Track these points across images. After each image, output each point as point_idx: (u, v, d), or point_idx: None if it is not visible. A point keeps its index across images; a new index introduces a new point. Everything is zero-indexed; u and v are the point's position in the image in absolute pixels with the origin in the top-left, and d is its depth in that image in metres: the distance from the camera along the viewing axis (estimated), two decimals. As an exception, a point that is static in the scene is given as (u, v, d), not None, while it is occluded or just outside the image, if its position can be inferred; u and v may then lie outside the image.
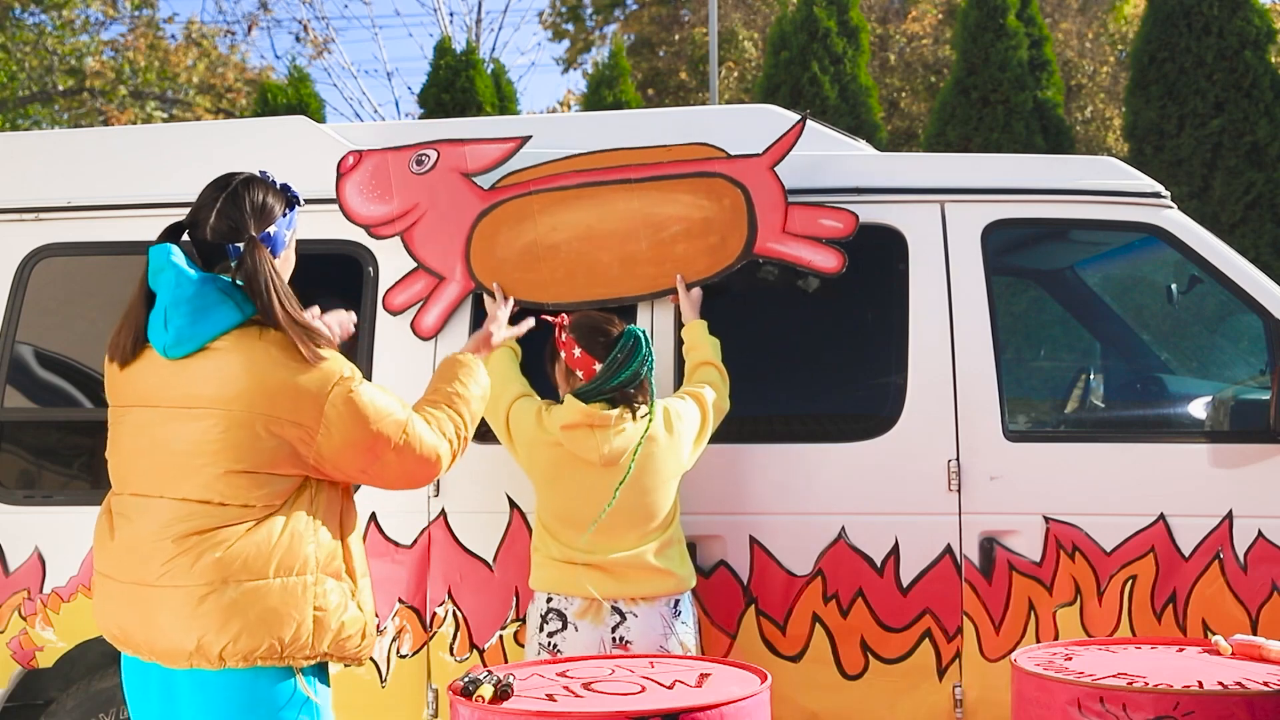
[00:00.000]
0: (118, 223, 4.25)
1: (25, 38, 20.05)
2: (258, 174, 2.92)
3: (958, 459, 3.92)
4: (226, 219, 2.78)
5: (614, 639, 3.58)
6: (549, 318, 3.75)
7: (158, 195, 4.24)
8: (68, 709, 4.03)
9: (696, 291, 3.98)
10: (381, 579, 4.00)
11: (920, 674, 3.90)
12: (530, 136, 4.05)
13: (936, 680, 3.92)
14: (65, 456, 4.32)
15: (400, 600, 4.00)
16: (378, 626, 3.98)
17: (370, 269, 4.14)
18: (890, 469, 3.93)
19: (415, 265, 4.02)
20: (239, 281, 2.76)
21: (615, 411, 3.60)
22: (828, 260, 3.94)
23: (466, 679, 2.85)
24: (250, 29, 21.57)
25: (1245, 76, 11.59)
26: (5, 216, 4.29)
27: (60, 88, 20.48)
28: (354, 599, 2.84)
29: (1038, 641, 3.85)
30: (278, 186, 2.91)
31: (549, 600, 3.64)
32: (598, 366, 3.63)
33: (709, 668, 3.15)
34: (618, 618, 3.59)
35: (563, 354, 3.71)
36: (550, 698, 2.86)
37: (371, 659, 3.98)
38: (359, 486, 3.06)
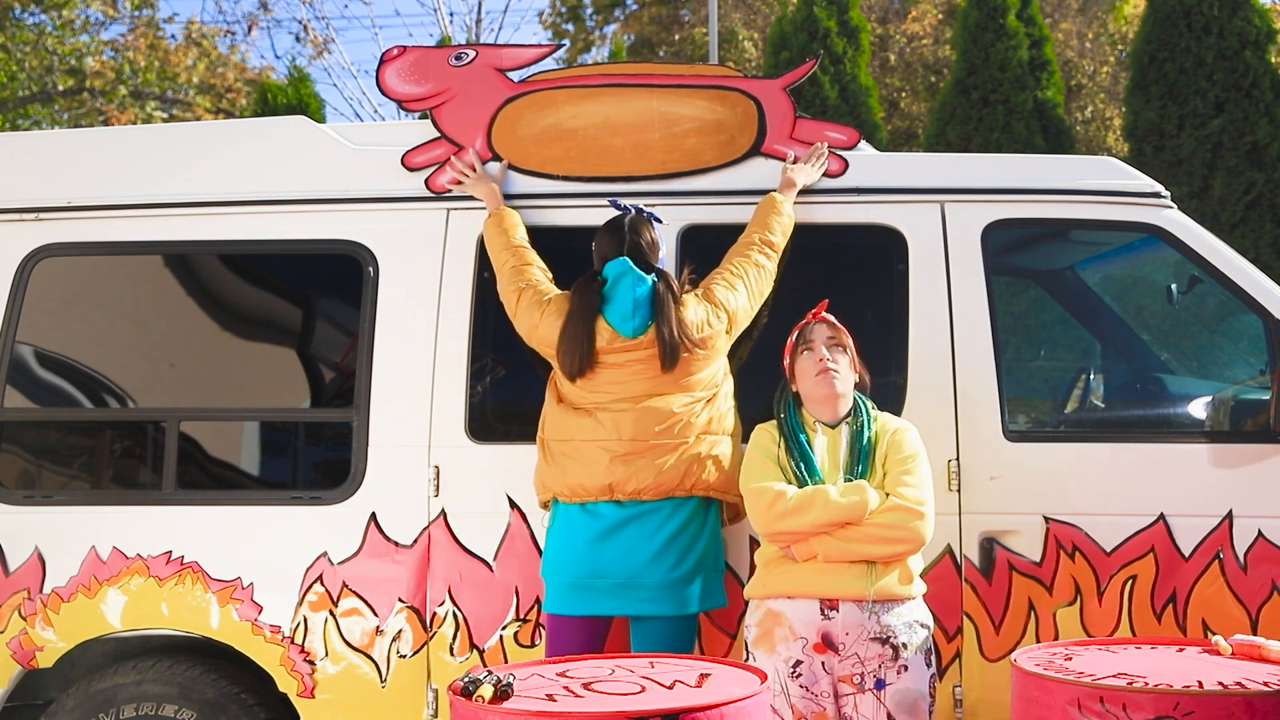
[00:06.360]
0: (118, 223, 4.25)
1: (25, 38, 20.02)
2: (635, 212, 3.97)
3: (958, 459, 3.92)
4: (636, 252, 3.89)
5: None
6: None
7: (157, 195, 4.25)
8: (68, 709, 4.03)
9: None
10: (381, 579, 4.01)
11: (920, 674, 3.90)
12: (564, 43, 4.43)
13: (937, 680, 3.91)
14: (65, 456, 4.32)
15: (400, 600, 4.00)
16: (377, 628, 4.00)
17: (370, 269, 4.15)
18: (890, 469, 3.93)
19: (437, 135, 4.27)
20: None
21: None
22: (831, 163, 4.18)
23: (466, 679, 2.85)
24: (250, 29, 21.53)
25: (1245, 76, 11.56)
26: (5, 216, 4.29)
27: (60, 88, 20.45)
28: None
29: (1038, 641, 3.85)
30: (647, 218, 3.97)
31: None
32: None
33: (709, 668, 3.15)
34: None
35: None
36: (550, 698, 2.86)
37: (371, 658, 3.99)
38: None
